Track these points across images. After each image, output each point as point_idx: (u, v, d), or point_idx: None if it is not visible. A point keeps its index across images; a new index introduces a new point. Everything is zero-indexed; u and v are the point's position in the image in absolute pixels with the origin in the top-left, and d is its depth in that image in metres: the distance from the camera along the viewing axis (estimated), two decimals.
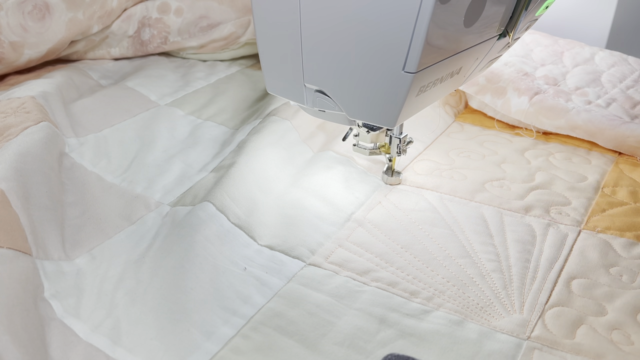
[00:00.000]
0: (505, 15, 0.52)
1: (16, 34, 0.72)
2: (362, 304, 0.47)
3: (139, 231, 0.54)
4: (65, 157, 0.61)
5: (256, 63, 0.88)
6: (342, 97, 0.50)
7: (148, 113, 0.71)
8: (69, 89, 0.73)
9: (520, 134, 0.72)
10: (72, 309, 0.45)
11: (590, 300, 0.47)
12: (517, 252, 0.52)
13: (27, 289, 0.44)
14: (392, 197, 0.60)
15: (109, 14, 0.80)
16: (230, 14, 0.85)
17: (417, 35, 0.43)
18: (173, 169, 0.63)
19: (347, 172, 0.63)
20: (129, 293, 0.47)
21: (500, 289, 0.48)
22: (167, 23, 0.84)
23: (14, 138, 0.56)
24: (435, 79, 0.49)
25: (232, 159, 0.62)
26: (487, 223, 0.56)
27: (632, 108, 0.71)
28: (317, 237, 0.54)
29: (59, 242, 0.51)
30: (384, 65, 0.46)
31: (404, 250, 0.53)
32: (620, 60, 0.83)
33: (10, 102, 0.64)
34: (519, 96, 0.72)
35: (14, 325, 0.40)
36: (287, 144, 0.65)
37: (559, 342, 0.43)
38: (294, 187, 0.60)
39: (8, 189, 0.49)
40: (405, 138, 0.60)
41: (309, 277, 0.49)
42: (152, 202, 0.58)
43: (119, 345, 0.43)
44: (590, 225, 0.55)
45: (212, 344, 0.43)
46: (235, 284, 0.48)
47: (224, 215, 0.54)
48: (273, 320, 0.45)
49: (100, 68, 0.82)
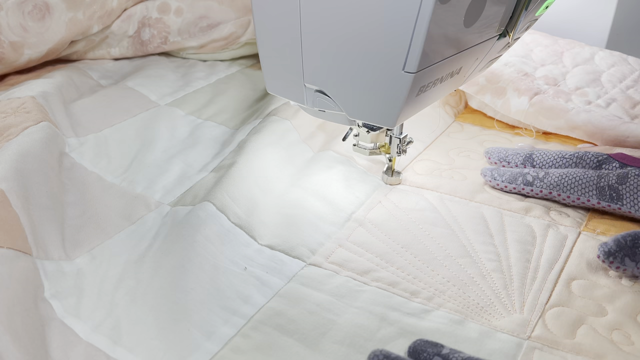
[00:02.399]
0: (505, 15, 0.52)
1: (16, 34, 0.72)
2: (363, 303, 0.47)
3: (139, 231, 0.54)
4: (66, 157, 0.61)
5: (256, 63, 0.88)
6: (342, 97, 0.50)
7: (148, 113, 0.71)
8: (69, 89, 0.73)
9: (520, 134, 0.72)
10: (73, 309, 0.45)
11: (590, 301, 0.47)
12: (518, 253, 0.52)
13: (28, 289, 0.44)
14: (392, 197, 0.60)
15: (109, 14, 0.80)
16: (230, 14, 0.85)
17: (417, 35, 0.43)
18: (173, 168, 0.63)
19: (347, 172, 0.63)
20: (129, 293, 0.47)
21: (500, 289, 0.48)
22: (167, 23, 0.84)
23: (14, 138, 0.56)
24: (435, 79, 0.49)
25: (232, 158, 0.62)
26: (487, 223, 0.56)
27: (632, 108, 0.71)
28: (318, 237, 0.54)
29: (59, 242, 0.51)
30: (384, 65, 0.46)
31: (404, 250, 0.53)
32: (620, 60, 0.83)
33: (10, 102, 0.64)
34: (518, 96, 0.72)
35: (14, 325, 0.40)
36: (287, 144, 0.65)
37: (560, 342, 0.43)
38: (294, 186, 0.60)
39: (8, 189, 0.49)
40: (405, 138, 0.60)
41: (310, 276, 0.49)
42: (152, 202, 0.58)
43: (119, 345, 0.43)
44: (589, 227, 0.55)
45: (213, 344, 0.43)
46: (235, 283, 0.48)
47: (224, 215, 0.54)
48: (273, 320, 0.45)
49: (100, 68, 0.82)
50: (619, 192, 0.54)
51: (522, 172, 0.59)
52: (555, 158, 0.60)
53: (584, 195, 0.56)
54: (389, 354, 0.37)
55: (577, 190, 0.56)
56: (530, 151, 0.62)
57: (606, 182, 0.55)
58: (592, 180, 0.56)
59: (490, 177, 0.60)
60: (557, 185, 0.57)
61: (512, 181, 0.59)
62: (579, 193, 0.56)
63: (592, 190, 0.55)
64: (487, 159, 0.65)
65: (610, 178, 0.55)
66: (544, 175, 0.58)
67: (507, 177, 0.59)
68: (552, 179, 0.57)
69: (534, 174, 0.58)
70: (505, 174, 0.60)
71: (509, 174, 0.60)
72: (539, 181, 0.58)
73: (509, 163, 0.62)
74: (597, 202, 0.55)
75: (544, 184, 0.57)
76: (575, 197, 0.56)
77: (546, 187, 0.57)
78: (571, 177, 0.56)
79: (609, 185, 0.55)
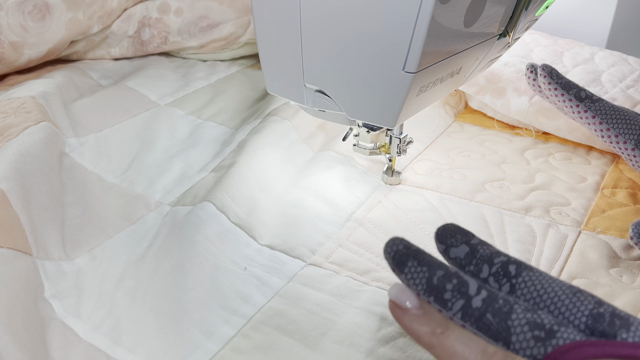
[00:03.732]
0: (505, 15, 0.52)
1: (16, 34, 0.72)
2: (363, 303, 0.47)
3: (139, 231, 0.54)
4: (66, 157, 0.61)
5: (256, 63, 0.88)
6: (342, 97, 0.50)
7: (148, 113, 0.71)
8: (69, 89, 0.73)
9: (520, 134, 0.72)
10: (73, 309, 0.45)
11: None
12: (518, 252, 0.52)
13: (28, 289, 0.44)
14: (392, 197, 0.60)
15: (109, 14, 0.80)
16: (230, 14, 0.85)
17: (417, 35, 0.43)
18: (173, 169, 0.63)
19: (347, 172, 0.63)
20: (130, 293, 0.47)
21: None
22: (167, 23, 0.84)
23: (14, 138, 0.56)
24: (435, 79, 0.49)
25: (232, 158, 0.62)
26: (487, 223, 0.56)
27: (632, 108, 0.71)
28: (318, 237, 0.54)
29: (59, 242, 0.51)
30: (384, 65, 0.46)
31: None
32: (620, 60, 0.83)
33: (10, 102, 0.64)
34: (518, 96, 0.72)
35: (14, 325, 0.40)
36: (287, 144, 0.65)
37: None
38: (294, 186, 0.60)
39: (8, 189, 0.49)
40: (405, 138, 0.60)
41: (310, 276, 0.49)
42: (153, 202, 0.58)
43: (120, 344, 0.43)
44: (590, 226, 0.55)
45: (213, 344, 0.43)
46: (235, 283, 0.48)
47: (224, 214, 0.54)
48: (273, 320, 0.45)
49: (100, 68, 0.82)
50: None
51: (578, 85, 0.55)
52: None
53: (623, 135, 0.52)
54: (410, 244, 0.35)
55: (621, 125, 0.52)
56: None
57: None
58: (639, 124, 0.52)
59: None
60: (606, 115, 0.53)
61: (567, 89, 0.54)
62: (621, 129, 0.52)
63: (635, 134, 0.52)
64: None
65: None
66: (597, 99, 0.54)
67: (563, 83, 0.55)
68: (604, 105, 0.53)
69: (589, 94, 0.54)
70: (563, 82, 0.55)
71: (565, 83, 0.55)
72: (590, 101, 0.54)
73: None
74: (632, 147, 0.52)
75: (595, 107, 0.53)
76: (615, 132, 0.52)
77: (593, 110, 0.53)
78: (624, 112, 0.53)
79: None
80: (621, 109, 0.53)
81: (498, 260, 0.35)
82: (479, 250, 0.36)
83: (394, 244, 0.35)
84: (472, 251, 0.36)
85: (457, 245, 0.37)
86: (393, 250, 0.34)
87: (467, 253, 0.36)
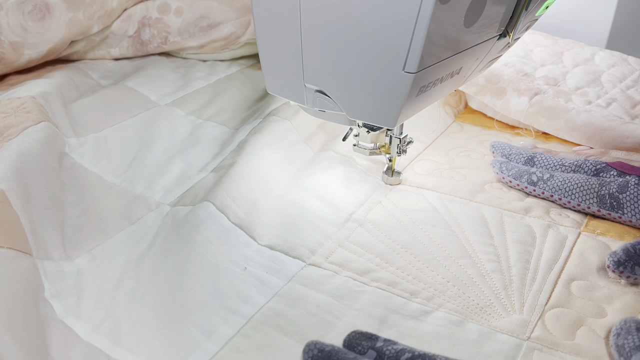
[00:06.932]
0: (505, 16, 0.52)
1: (16, 34, 0.72)
2: (362, 304, 0.47)
3: (139, 231, 0.54)
4: (66, 157, 0.61)
5: (256, 63, 0.88)
6: (342, 97, 0.50)
7: (148, 113, 0.71)
8: (69, 89, 0.73)
9: (520, 134, 0.72)
10: (73, 309, 0.45)
11: (589, 302, 0.47)
12: (517, 253, 0.52)
13: (28, 289, 0.44)
14: (392, 197, 0.60)
15: (109, 14, 0.80)
16: (230, 14, 0.85)
17: (417, 35, 0.43)
18: (173, 169, 0.63)
19: (347, 172, 0.63)
20: (129, 293, 0.47)
21: (500, 290, 0.48)
22: (167, 23, 0.84)
23: (14, 138, 0.56)
24: (436, 79, 0.49)
25: (232, 158, 0.62)
26: (487, 223, 0.56)
27: (632, 108, 0.71)
28: (317, 237, 0.54)
29: (59, 242, 0.51)
30: (384, 65, 0.46)
31: (404, 250, 0.53)
32: (620, 60, 0.83)
33: (10, 102, 0.64)
34: (518, 96, 0.72)
35: (14, 325, 0.40)
36: (287, 144, 0.65)
37: (559, 342, 0.43)
38: (294, 187, 0.60)
39: (8, 189, 0.49)
40: (405, 138, 0.60)
41: (309, 277, 0.49)
42: (153, 202, 0.58)
43: (120, 345, 0.43)
44: (589, 227, 0.55)
45: (213, 344, 0.43)
46: (235, 283, 0.48)
47: (224, 215, 0.54)
48: (273, 320, 0.45)
49: (100, 68, 0.82)
50: (619, 200, 0.54)
51: (528, 170, 0.60)
52: (556, 165, 0.60)
53: (584, 202, 0.56)
54: (323, 346, 0.39)
55: (578, 196, 0.56)
56: (532, 153, 0.62)
57: (607, 191, 0.55)
58: (594, 188, 0.56)
59: (498, 169, 0.61)
60: (559, 189, 0.57)
61: (517, 177, 0.60)
62: (579, 199, 0.56)
63: (593, 198, 0.56)
64: (492, 153, 0.66)
65: (611, 187, 0.55)
66: (549, 177, 0.58)
67: (513, 173, 0.60)
68: (555, 183, 0.57)
69: (540, 174, 0.59)
70: (513, 170, 0.60)
71: (515, 170, 0.60)
72: (543, 183, 0.58)
73: (510, 162, 0.63)
74: (597, 209, 0.56)
75: (547, 186, 0.58)
76: (576, 202, 0.56)
77: (549, 189, 0.58)
78: (573, 182, 0.57)
79: (610, 193, 0.55)
80: (572, 178, 0.57)
81: (404, 358, 0.39)
82: (385, 352, 0.40)
83: (309, 349, 0.40)
84: (379, 355, 0.40)
85: (364, 352, 0.41)
86: (309, 356, 0.39)
87: (376, 358, 0.40)
